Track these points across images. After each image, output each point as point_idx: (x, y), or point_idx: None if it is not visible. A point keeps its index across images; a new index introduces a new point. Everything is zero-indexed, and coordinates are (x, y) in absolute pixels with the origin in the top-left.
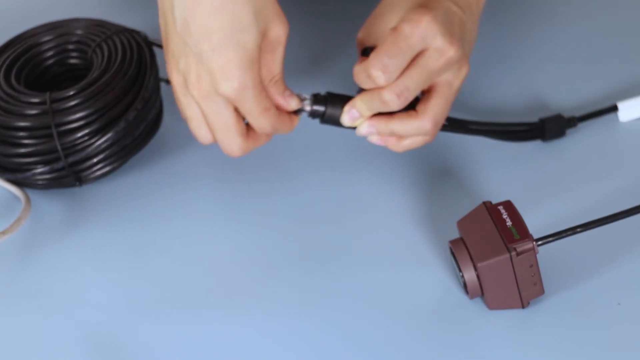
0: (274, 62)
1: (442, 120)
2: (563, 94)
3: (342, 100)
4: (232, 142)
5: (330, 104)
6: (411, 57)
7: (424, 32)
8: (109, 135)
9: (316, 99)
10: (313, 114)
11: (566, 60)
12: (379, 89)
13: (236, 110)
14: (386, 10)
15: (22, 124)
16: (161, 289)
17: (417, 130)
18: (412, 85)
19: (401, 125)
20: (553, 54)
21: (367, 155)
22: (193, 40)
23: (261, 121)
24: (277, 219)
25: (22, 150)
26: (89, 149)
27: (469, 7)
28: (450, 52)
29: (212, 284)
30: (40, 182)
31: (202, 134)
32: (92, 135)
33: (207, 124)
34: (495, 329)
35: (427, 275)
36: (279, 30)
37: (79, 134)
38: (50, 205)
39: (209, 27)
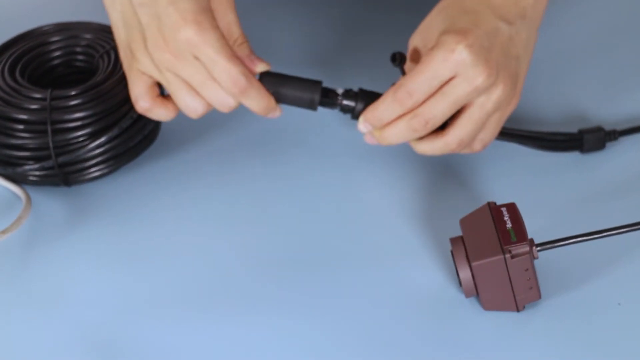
0: (230, 25)
1: (469, 140)
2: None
3: (374, 97)
4: (221, 91)
5: (361, 100)
6: (439, 84)
7: (455, 63)
8: (101, 139)
9: (348, 94)
10: (344, 109)
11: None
12: (406, 116)
13: None
14: (438, 16)
15: (20, 116)
16: (161, 289)
17: (442, 149)
18: (439, 114)
19: (428, 145)
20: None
21: (369, 153)
22: (149, 7)
23: (230, 70)
24: (276, 217)
25: (16, 142)
26: (81, 151)
27: (522, 16)
28: (479, 80)
29: (212, 283)
30: (31, 178)
31: (192, 103)
32: (86, 137)
33: (192, 86)
34: (490, 329)
35: (427, 273)
36: None
37: (74, 134)
38: (51, 205)
39: None
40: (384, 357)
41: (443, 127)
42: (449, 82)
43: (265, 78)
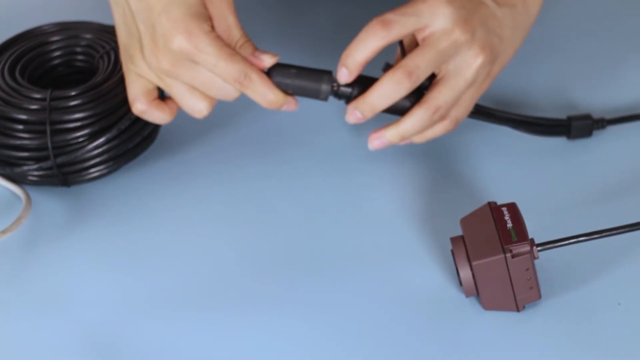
0: (230, 29)
1: (446, 108)
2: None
3: (369, 81)
4: (226, 86)
5: (356, 86)
6: (414, 26)
7: (432, 9)
8: (100, 140)
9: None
10: (339, 96)
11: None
12: (389, 72)
13: None
14: None
15: (20, 116)
16: (161, 289)
17: (422, 118)
18: (422, 64)
19: (409, 120)
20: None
21: (369, 153)
22: (144, 15)
23: (230, 69)
24: (275, 217)
25: (15, 142)
26: (80, 152)
27: (511, 4)
28: (456, 33)
29: (211, 284)
30: (30, 178)
31: (196, 105)
32: (85, 137)
33: (195, 88)
34: (490, 329)
35: (426, 273)
36: None
37: (73, 135)
38: (51, 205)
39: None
40: (384, 357)
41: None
42: (429, 35)
43: (274, 71)
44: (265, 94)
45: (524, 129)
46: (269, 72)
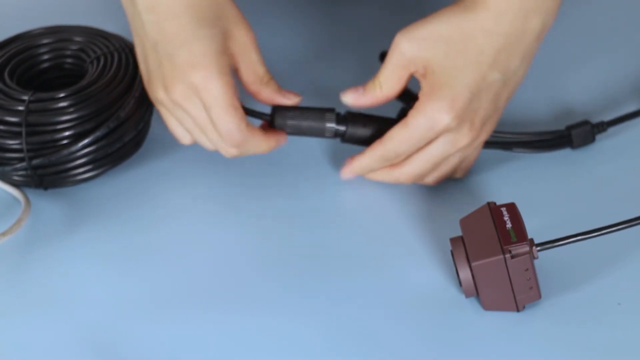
0: (254, 65)
1: (421, 176)
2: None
3: (361, 119)
4: (217, 140)
5: (350, 124)
6: (425, 144)
7: (441, 131)
8: (75, 147)
9: (337, 118)
10: (335, 134)
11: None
12: (390, 169)
13: None
14: (434, 17)
15: (2, 117)
16: (161, 290)
17: (394, 181)
18: (424, 171)
19: (381, 176)
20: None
21: None
22: (163, 46)
23: (227, 122)
24: (273, 217)
25: None
26: (56, 156)
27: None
28: (463, 142)
29: (211, 284)
30: (15, 178)
31: (183, 136)
32: (65, 140)
33: (201, 129)
34: (490, 329)
35: (427, 273)
36: (243, 34)
37: (52, 137)
38: (50, 206)
39: (174, 30)
40: (383, 357)
41: None
42: (434, 141)
43: (278, 112)
44: (259, 146)
45: (525, 149)
46: (273, 113)
